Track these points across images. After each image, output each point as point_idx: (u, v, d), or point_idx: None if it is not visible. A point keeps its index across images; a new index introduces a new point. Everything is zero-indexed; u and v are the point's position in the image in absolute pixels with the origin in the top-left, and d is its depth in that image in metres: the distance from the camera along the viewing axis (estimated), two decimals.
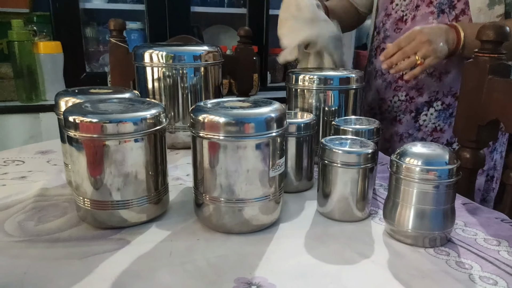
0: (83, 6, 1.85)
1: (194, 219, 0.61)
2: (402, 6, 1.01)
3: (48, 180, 0.74)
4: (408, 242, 0.55)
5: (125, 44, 1.18)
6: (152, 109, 0.56)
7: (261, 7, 2.05)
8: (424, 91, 0.99)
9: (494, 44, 0.71)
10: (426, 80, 0.99)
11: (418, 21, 0.97)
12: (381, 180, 0.76)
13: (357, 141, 0.62)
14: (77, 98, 0.65)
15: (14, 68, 1.64)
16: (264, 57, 2.09)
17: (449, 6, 0.93)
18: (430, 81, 0.98)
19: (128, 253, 0.51)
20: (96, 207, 0.56)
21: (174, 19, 1.92)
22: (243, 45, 1.24)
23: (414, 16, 0.98)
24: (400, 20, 1.01)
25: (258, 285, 0.45)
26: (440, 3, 0.94)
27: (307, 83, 0.82)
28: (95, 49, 1.98)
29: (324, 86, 0.81)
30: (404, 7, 1.00)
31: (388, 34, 1.05)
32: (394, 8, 1.02)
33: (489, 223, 0.60)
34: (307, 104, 0.83)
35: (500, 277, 0.47)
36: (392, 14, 1.03)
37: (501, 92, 0.71)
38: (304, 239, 0.56)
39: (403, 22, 1.01)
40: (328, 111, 0.82)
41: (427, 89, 0.99)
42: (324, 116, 0.83)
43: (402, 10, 1.00)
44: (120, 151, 0.54)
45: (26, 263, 0.49)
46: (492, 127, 0.75)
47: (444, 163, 0.52)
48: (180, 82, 0.91)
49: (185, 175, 0.78)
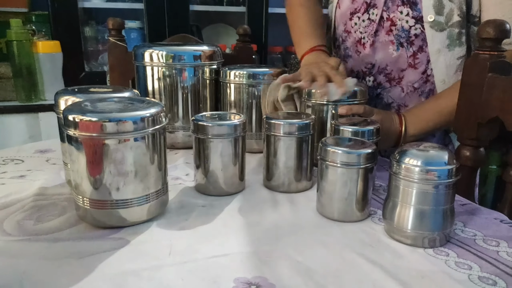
0: (82, 5, 1.85)
1: (193, 218, 0.61)
2: (360, 27, 0.95)
3: (47, 179, 0.73)
4: (407, 242, 0.55)
5: (124, 43, 1.18)
6: (152, 108, 0.56)
7: (260, 6, 2.05)
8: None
9: (494, 41, 0.71)
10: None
11: (377, 49, 0.93)
12: (380, 180, 0.76)
13: (356, 141, 0.62)
14: (76, 97, 0.65)
15: (13, 68, 1.64)
16: (263, 56, 2.09)
17: (407, 41, 0.88)
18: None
19: (128, 253, 0.51)
20: (96, 206, 0.55)
21: (173, 18, 1.92)
22: (242, 44, 1.24)
23: (373, 42, 0.92)
24: (359, 42, 0.96)
25: (258, 285, 0.45)
26: (399, 36, 0.89)
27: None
28: (94, 48, 1.98)
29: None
30: (363, 29, 0.94)
31: (350, 54, 0.99)
32: (353, 26, 0.96)
33: (488, 223, 0.60)
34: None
35: (499, 278, 0.47)
36: (352, 33, 0.97)
37: (501, 90, 0.70)
38: (304, 240, 0.56)
39: (361, 45, 0.95)
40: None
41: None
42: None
43: (361, 32, 0.95)
44: (119, 150, 0.53)
45: (25, 262, 0.49)
46: (492, 125, 0.75)
47: (444, 163, 0.52)
48: (180, 82, 0.91)
49: (184, 175, 0.78)
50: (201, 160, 0.68)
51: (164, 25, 1.92)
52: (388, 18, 0.90)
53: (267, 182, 0.73)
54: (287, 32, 1.07)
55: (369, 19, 0.93)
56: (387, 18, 0.90)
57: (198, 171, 0.70)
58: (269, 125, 0.70)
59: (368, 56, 0.95)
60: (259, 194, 0.71)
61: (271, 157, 0.71)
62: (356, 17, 0.95)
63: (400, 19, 0.88)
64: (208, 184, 0.69)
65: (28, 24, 1.77)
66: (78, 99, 0.63)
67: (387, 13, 0.90)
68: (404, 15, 0.87)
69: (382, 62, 0.93)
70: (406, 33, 0.88)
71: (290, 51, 2.22)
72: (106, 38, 1.70)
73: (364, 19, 0.94)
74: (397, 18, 0.88)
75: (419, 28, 0.87)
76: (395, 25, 0.89)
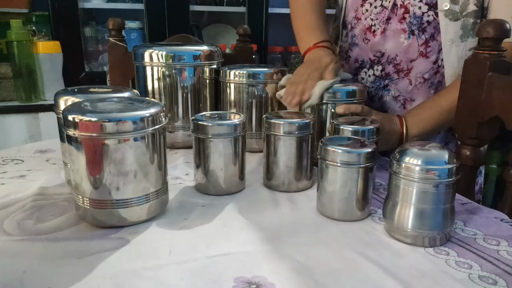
0: (82, 5, 1.85)
1: (193, 218, 0.61)
2: (372, 14, 0.92)
3: (47, 179, 0.73)
4: (407, 241, 0.55)
5: (124, 43, 1.18)
6: (152, 108, 0.56)
7: (260, 5, 2.05)
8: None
9: (494, 41, 0.71)
10: (390, 104, 0.96)
11: (388, 37, 0.91)
12: (380, 179, 0.76)
13: (356, 141, 0.62)
14: (76, 97, 0.65)
15: (13, 68, 1.64)
16: (263, 56, 2.09)
17: (419, 29, 0.87)
18: (393, 105, 0.95)
19: (128, 252, 0.51)
20: (96, 206, 0.55)
21: (173, 18, 1.92)
22: (242, 44, 1.24)
23: (384, 29, 0.91)
24: (368, 30, 0.94)
25: (258, 284, 0.45)
26: (411, 23, 0.87)
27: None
28: (94, 48, 1.98)
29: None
30: (374, 16, 0.92)
31: (357, 42, 0.97)
32: (364, 13, 0.94)
33: (488, 222, 0.60)
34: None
35: (500, 277, 0.47)
36: (362, 20, 0.95)
37: (501, 89, 0.70)
38: (304, 239, 0.56)
39: (371, 33, 0.93)
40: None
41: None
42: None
43: (372, 19, 0.92)
44: (119, 150, 0.53)
45: (25, 262, 0.49)
46: (492, 124, 0.75)
47: (444, 162, 0.52)
48: (180, 82, 0.91)
49: (184, 175, 0.78)
50: (201, 160, 0.68)
51: (164, 25, 1.92)
52: (402, 5, 0.88)
53: (267, 181, 0.73)
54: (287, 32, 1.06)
55: (381, 6, 0.91)
56: (400, 5, 0.88)
57: (198, 170, 0.70)
58: (269, 125, 0.70)
59: (378, 44, 0.93)
60: (259, 194, 0.71)
61: (271, 157, 0.71)
62: (368, 3, 0.94)
63: (413, 5, 0.86)
64: (208, 183, 0.69)
65: (28, 25, 1.78)
66: (78, 99, 0.63)
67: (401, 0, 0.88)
68: (417, 1, 0.86)
69: (392, 51, 0.91)
70: (418, 20, 0.86)
71: (290, 51, 2.22)
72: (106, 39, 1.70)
73: (376, 5, 0.92)
74: (410, 4, 0.87)
75: (432, 15, 0.85)
76: (408, 12, 0.87)
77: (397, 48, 0.91)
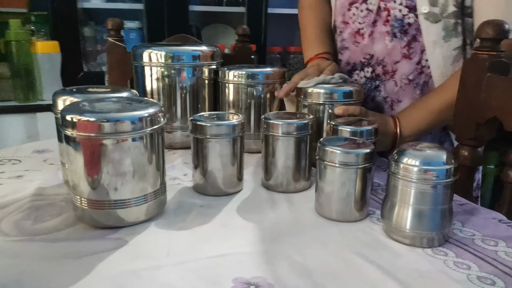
0: (81, 5, 1.85)
1: (191, 218, 0.61)
2: (359, 18, 0.94)
3: (44, 179, 0.73)
4: (406, 242, 0.55)
5: (123, 43, 1.18)
6: (150, 108, 0.56)
7: (260, 6, 2.05)
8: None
9: (493, 41, 0.71)
10: (382, 105, 0.97)
11: (376, 39, 0.92)
12: (378, 180, 0.76)
13: (354, 141, 0.62)
14: (74, 97, 0.65)
15: (12, 68, 1.64)
16: (262, 56, 2.09)
17: (400, 31, 0.88)
18: (383, 105, 0.96)
19: (126, 253, 0.51)
20: (93, 206, 0.55)
21: (172, 18, 1.92)
22: (241, 44, 1.24)
23: (372, 32, 0.92)
24: (357, 33, 0.96)
25: (257, 284, 0.45)
26: (393, 26, 0.88)
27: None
28: (92, 48, 1.97)
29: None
30: (361, 19, 0.94)
31: (347, 46, 0.99)
32: (352, 17, 0.96)
33: (486, 223, 0.60)
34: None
35: (498, 277, 0.47)
36: (350, 24, 0.97)
37: (500, 90, 0.71)
38: (302, 239, 0.56)
39: (360, 36, 0.95)
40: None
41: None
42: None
43: (359, 22, 0.94)
44: (117, 150, 0.53)
45: (23, 262, 0.49)
46: (490, 125, 0.75)
47: (442, 163, 0.52)
48: (179, 82, 0.91)
49: (182, 175, 0.78)
50: (199, 160, 0.68)
51: (163, 26, 1.92)
52: (385, 8, 0.89)
53: (265, 182, 0.73)
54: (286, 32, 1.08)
55: (367, 9, 0.93)
56: (384, 8, 0.89)
57: (196, 171, 0.70)
58: (268, 125, 0.70)
59: (367, 47, 0.94)
60: (257, 194, 0.70)
61: (270, 157, 0.71)
62: (355, 7, 0.95)
63: (393, 8, 0.88)
64: (206, 184, 0.69)
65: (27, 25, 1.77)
66: (76, 99, 0.63)
67: (384, 2, 0.89)
68: (397, 4, 0.87)
69: (380, 53, 0.93)
70: (400, 22, 0.88)
71: (289, 51, 2.22)
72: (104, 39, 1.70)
73: (362, 9, 0.93)
74: (391, 7, 0.88)
75: (412, 17, 0.86)
76: (390, 15, 0.89)
77: (383, 50, 0.92)
